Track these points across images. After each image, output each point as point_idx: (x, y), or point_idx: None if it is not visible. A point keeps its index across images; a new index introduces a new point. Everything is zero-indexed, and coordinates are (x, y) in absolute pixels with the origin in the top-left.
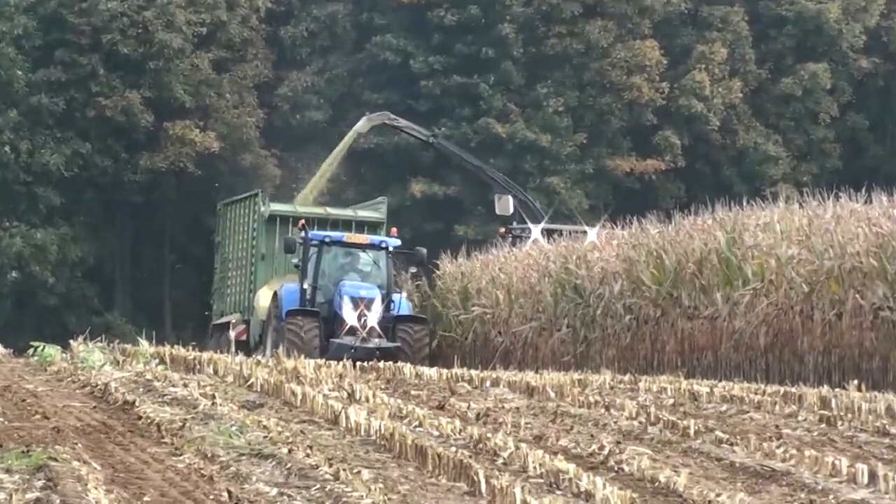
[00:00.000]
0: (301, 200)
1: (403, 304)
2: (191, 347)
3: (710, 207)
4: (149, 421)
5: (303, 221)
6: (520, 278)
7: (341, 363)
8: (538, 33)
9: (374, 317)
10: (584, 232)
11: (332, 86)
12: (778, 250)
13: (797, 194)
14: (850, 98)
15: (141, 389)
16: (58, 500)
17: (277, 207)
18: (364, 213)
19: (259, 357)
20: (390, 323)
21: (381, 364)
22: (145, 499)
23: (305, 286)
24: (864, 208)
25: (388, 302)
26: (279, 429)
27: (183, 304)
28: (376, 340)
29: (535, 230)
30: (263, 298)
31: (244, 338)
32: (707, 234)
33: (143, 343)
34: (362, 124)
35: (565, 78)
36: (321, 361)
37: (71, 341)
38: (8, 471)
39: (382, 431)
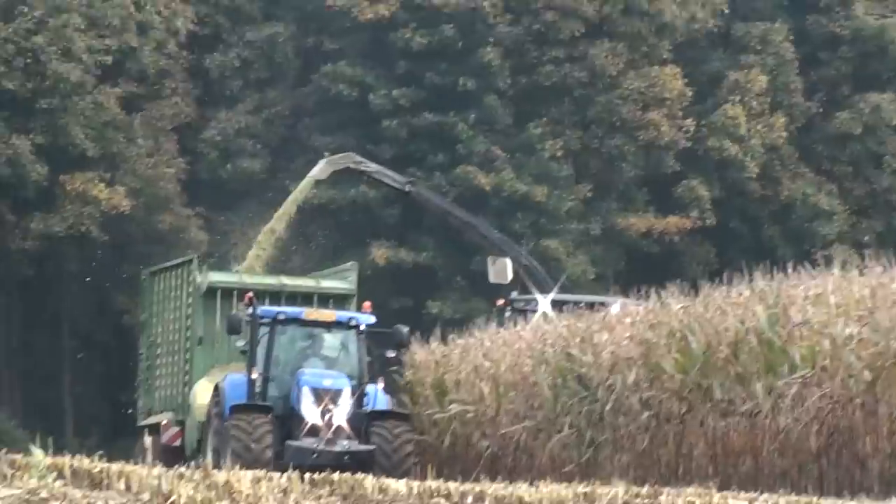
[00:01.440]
0: (247, 268)
1: (379, 397)
2: (97, 457)
3: (748, 276)
4: None
5: (250, 295)
6: (509, 367)
7: (285, 475)
8: (529, 59)
9: (341, 413)
10: (604, 304)
11: (270, 127)
12: (833, 329)
13: (856, 258)
14: None
15: None
16: None
17: (218, 277)
18: (329, 284)
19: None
20: (362, 421)
21: (336, 476)
22: None
23: (254, 376)
24: None
25: (359, 395)
26: None
27: (87, 402)
28: (345, 443)
29: (544, 302)
30: (202, 394)
31: (178, 443)
32: (744, 310)
33: (37, 452)
34: (321, 169)
35: (564, 115)
36: (261, 473)
37: None
38: None
39: None
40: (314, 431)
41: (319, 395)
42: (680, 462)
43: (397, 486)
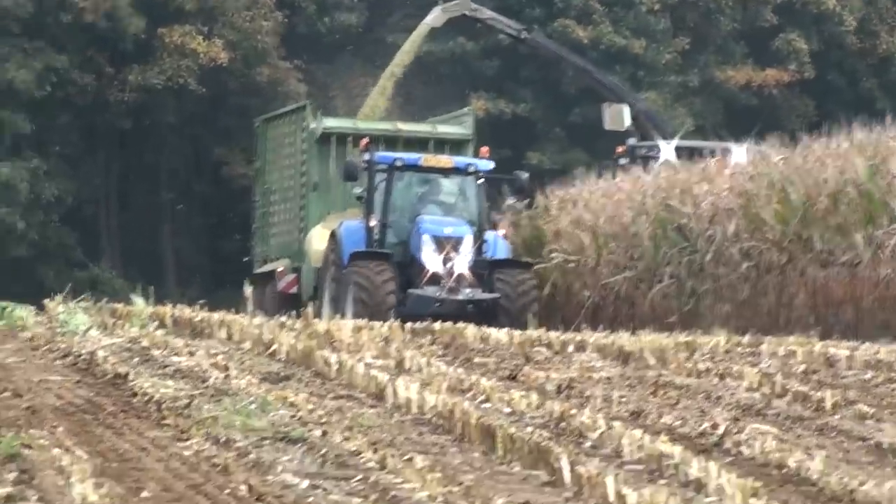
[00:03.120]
0: (363, 115)
1: (500, 244)
2: (198, 306)
3: (847, 128)
4: (146, 398)
5: (366, 140)
6: (609, 217)
7: (386, 325)
8: None
9: (463, 261)
10: (728, 150)
11: None
12: None
13: None
14: None
15: (136, 359)
16: (34, 497)
17: (333, 123)
18: (446, 129)
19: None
20: (484, 269)
21: (437, 325)
22: (143, 494)
23: (372, 223)
24: None
25: (480, 242)
26: (310, 406)
27: (187, 253)
28: (468, 291)
29: (667, 148)
30: (318, 240)
31: (295, 290)
32: (843, 162)
33: (138, 301)
34: (436, 16)
35: None
36: (361, 323)
37: (47, 300)
38: None
39: (440, 408)
40: (435, 280)
41: (441, 242)
42: (781, 311)
43: (498, 335)
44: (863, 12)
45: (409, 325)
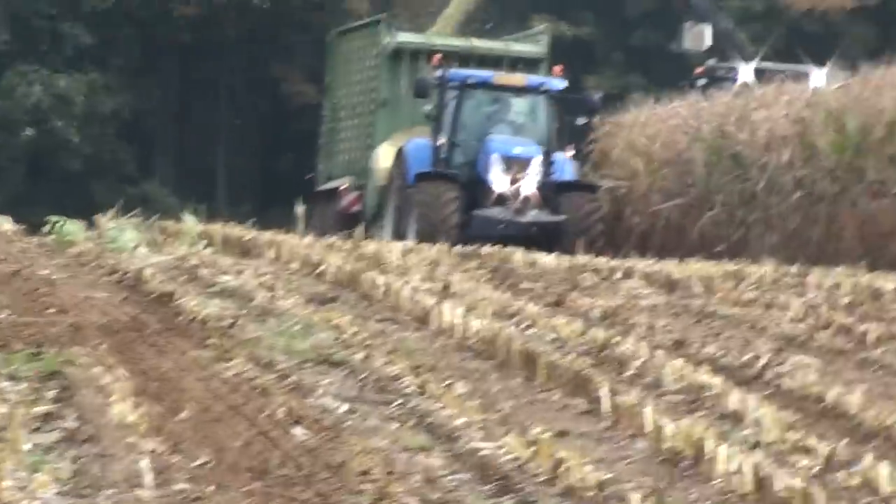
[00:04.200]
0: (439, 29)
1: (567, 166)
2: (249, 225)
3: None
4: (191, 317)
5: (439, 56)
6: (664, 143)
7: (434, 248)
8: None
9: (530, 182)
10: (807, 74)
11: None
12: None
13: None
14: None
15: (183, 277)
16: (72, 416)
17: (406, 38)
18: (520, 47)
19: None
20: (551, 190)
21: (485, 249)
22: (182, 415)
23: (440, 142)
24: None
25: (548, 163)
26: (354, 329)
27: (240, 171)
28: (534, 213)
29: (746, 70)
30: (384, 157)
31: (357, 208)
32: None
33: (189, 219)
34: None
35: None
36: (410, 245)
37: (98, 216)
38: (13, 377)
39: (483, 333)
40: (502, 200)
41: (509, 163)
42: (830, 242)
43: (546, 260)
44: None
45: (457, 248)
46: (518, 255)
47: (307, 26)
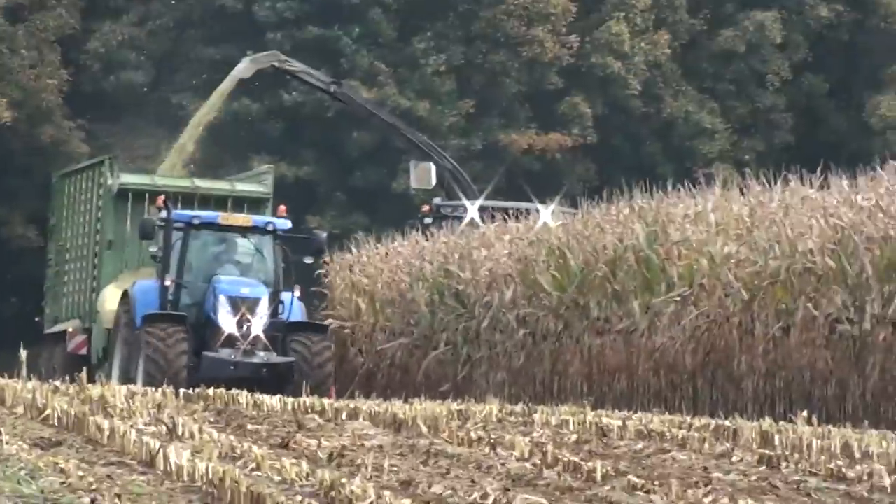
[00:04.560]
0: (164, 171)
1: (296, 306)
2: None
3: (628, 193)
4: None
5: (163, 197)
6: (386, 283)
7: (159, 390)
8: None
9: (259, 323)
10: (536, 210)
11: (154, 39)
12: (711, 248)
13: (737, 176)
14: (806, 55)
15: None
16: None
17: (130, 179)
18: (244, 187)
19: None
20: (280, 331)
21: (211, 391)
22: None
23: (167, 283)
24: (819, 195)
25: (276, 304)
26: (80, 473)
27: None
28: (262, 354)
29: (472, 208)
30: (110, 300)
31: (84, 351)
32: (623, 228)
33: None
34: (245, 68)
35: (448, 29)
36: (136, 388)
37: None
38: None
39: (210, 476)
40: (230, 342)
41: (237, 303)
42: (555, 380)
43: (272, 401)
44: (648, 75)
45: (182, 390)
46: (243, 396)
47: (28, 170)
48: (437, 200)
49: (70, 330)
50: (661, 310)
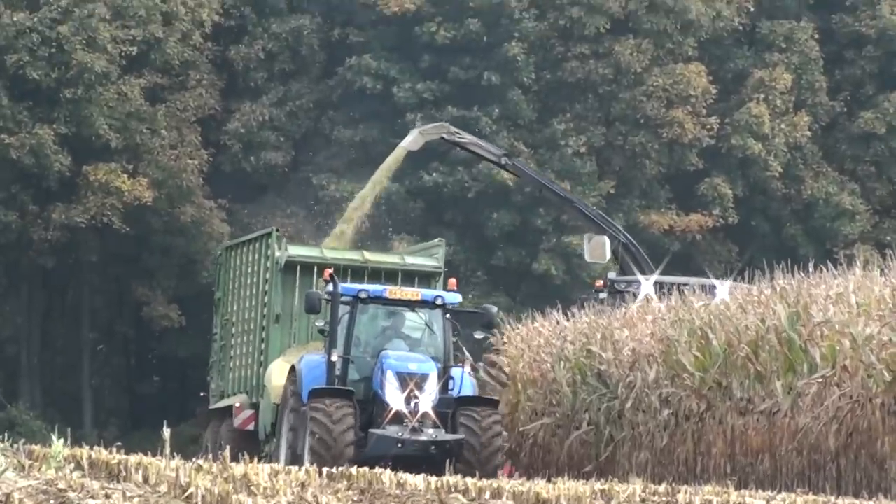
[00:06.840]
0: (331, 242)
1: (466, 381)
2: (115, 449)
3: (769, 274)
4: None
5: (330, 271)
6: (528, 363)
7: (303, 469)
8: (554, 54)
9: (427, 399)
10: (713, 287)
11: (294, 120)
12: (853, 328)
13: (878, 257)
14: None
15: (52, 502)
16: None
17: (298, 251)
18: (414, 261)
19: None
20: (449, 407)
21: (354, 471)
22: None
23: (334, 358)
24: None
25: (445, 379)
26: None
27: (106, 394)
28: (431, 432)
29: (647, 284)
30: (277, 374)
31: (251, 427)
32: (764, 309)
33: (56, 443)
34: (413, 139)
35: (588, 111)
36: (279, 466)
37: None
38: None
39: None
40: (398, 419)
41: (405, 379)
42: (698, 460)
43: (415, 480)
44: (788, 157)
45: (325, 469)
46: (387, 475)
47: (167, 249)
48: (611, 275)
49: (237, 405)
50: (803, 390)
